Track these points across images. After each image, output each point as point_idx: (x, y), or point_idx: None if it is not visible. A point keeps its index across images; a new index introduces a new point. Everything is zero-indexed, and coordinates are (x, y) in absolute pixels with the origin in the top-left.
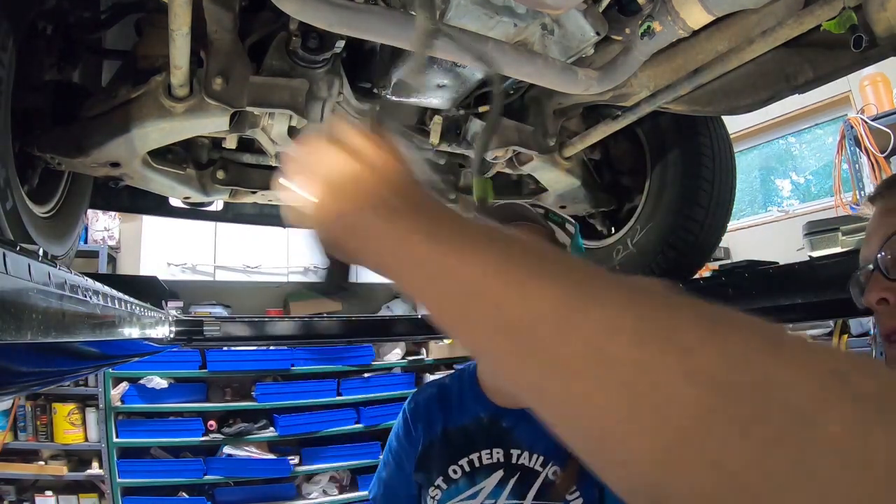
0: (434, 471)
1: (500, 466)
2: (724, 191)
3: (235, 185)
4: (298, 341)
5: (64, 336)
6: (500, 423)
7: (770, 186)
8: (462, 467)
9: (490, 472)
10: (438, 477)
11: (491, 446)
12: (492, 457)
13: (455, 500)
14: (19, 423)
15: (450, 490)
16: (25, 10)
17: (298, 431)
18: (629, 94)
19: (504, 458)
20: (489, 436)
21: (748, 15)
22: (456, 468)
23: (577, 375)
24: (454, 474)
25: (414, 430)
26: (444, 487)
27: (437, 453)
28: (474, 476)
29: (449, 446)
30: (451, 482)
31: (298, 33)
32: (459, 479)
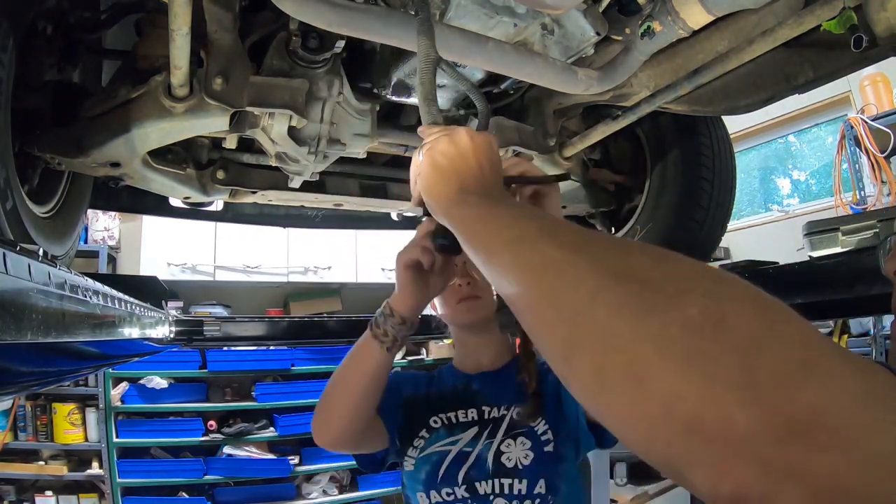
0: (416, 425)
1: (474, 424)
2: (724, 191)
3: (235, 185)
4: (298, 341)
5: (64, 336)
6: (471, 387)
7: (770, 186)
8: (442, 419)
9: (466, 428)
10: (422, 429)
11: (466, 407)
12: (467, 416)
13: (435, 446)
14: (19, 423)
15: (430, 438)
16: (25, 10)
17: (298, 431)
18: (629, 94)
19: (477, 415)
20: (463, 398)
21: (748, 15)
22: (437, 419)
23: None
24: (435, 424)
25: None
26: (426, 436)
27: (419, 410)
28: (452, 429)
29: (428, 406)
30: (433, 430)
31: (298, 33)
32: (440, 429)
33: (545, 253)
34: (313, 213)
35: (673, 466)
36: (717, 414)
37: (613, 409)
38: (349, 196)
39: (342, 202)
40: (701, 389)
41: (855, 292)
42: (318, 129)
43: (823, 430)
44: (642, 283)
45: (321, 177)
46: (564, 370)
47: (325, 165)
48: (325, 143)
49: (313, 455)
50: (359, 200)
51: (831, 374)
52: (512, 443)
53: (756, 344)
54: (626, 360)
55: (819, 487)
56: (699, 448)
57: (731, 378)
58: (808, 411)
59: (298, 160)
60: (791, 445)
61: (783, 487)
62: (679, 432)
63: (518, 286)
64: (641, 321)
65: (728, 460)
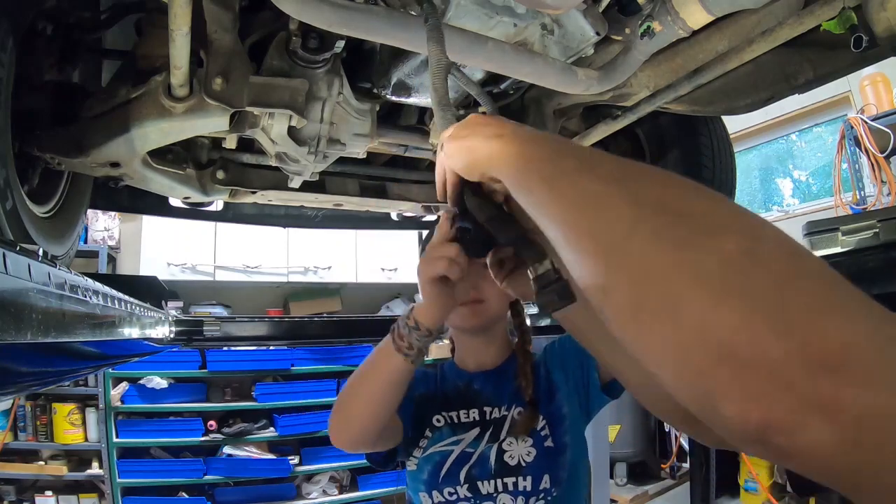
0: (421, 422)
1: (476, 424)
2: (724, 191)
3: (235, 185)
4: (298, 341)
5: (64, 336)
6: (472, 386)
7: (770, 186)
8: (445, 418)
9: (468, 429)
10: (425, 428)
11: (468, 407)
12: (469, 416)
13: (438, 445)
14: (19, 423)
15: (434, 437)
16: (25, 10)
17: (298, 431)
18: (629, 94)
19: (479, 416)
20: (465, 398)
21: (748, 15)
22: (439, 418)
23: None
24: (437, 423)
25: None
26: (429, 436)
27: (425, 408)
28: (455, 428)
29: (432, 404)
30: (436, 430)
31: (298, 33)
32: (443, 427)
33: (583, 187)
34: (313, 213)
35: (703, 397)
36: (750, 343)
37: (648, 338)
38: (349, 196)
39: (342, 202)
40: (735, 319)
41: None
42: (317, 129)
43: (854, 365)
44: (680, 217)
45: (321, 177)
46: (602, 301)
47: (325, 165)
48: (325, 143)
49: (313, 455)
50: (359, 200)
51: (859, 314)
52: (514, 441)
53: (791, 280)
54: (663, 290)
55: (847, 419)
56: (731, 376)
57: (766, 310)
58: (839, 345)
59: (298, 160)
60: (822, 377)
61: (812, 418)
62: (712, 360)
63: (557, 222)
64: (679, 253)
65: (759, 388)
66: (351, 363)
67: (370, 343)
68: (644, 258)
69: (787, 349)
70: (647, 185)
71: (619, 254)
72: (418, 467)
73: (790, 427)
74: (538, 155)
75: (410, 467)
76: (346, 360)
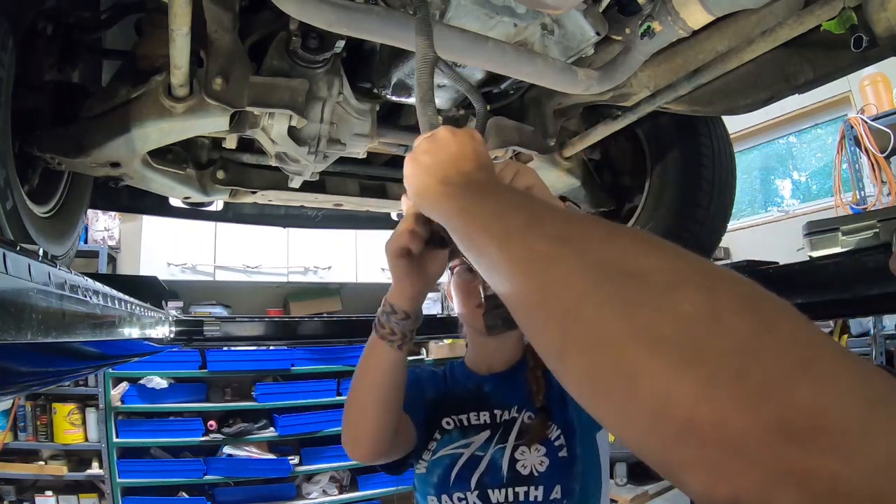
0: (431, 425)
1: (486, 427)
2: (724, 191)
3: (235, 185)
4: (298, 341)
5: (64, 336)
6: (483, 389)
7: (770, 186)
8: (454, 421)
9: (478, 431)
10: (434, 430)
11: (478, 409)
12: (479, 418)
13: (447, 448)
14: (19, 423)
15: (443, 440)
16: (25, 10)
17: (298, 431)
18: (629, 94)
19: (490, 418)
20: (476, 400)
21: (748, 15)
22: (449, 420)
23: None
24: (447, 426)
25: (424, 385)
26: (438, 438)
27: (434, 411)
28: (465, 431)
29: (443, 407)
30: (445, 433)
31: (298, 33)
32: (452, 430)
33: (532, 247)
34: (313, 213)
35: (669, 469)
36: (711, 415)
37: (607, 410)
38: (349, 196)
39: (342, 202)
40: (695, 390)
41: (855, 292)
42: (318, 129)
43: (823, 433)
44: (632, 277)
45: (321, 177)
46: (558, 369)
47: (325, 165)
48: (325, 143)
49: (313, 455)
50: (358, 200)
51: (832, 375)
52: (526, 450)
53: (753, 342)
54: (618, 360)
55: (819, 491)
56: (694, 450)
57: (727, 378)
58: (807, 412)
59: (298, 160)
60: (790, 447)
61: (781, 491)
62: (673, 434)
63: (508, 283)
64: (631, 318)
65: (724, 463)
66: (351, 363)
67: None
68: (597, 325)
69: (752, 421)
70: (596, 244)
71: (572, 321)
72: (427, 470)
73: (760, 502)
74: (486, 210)
75: (419, 470)
76: (346, 360)
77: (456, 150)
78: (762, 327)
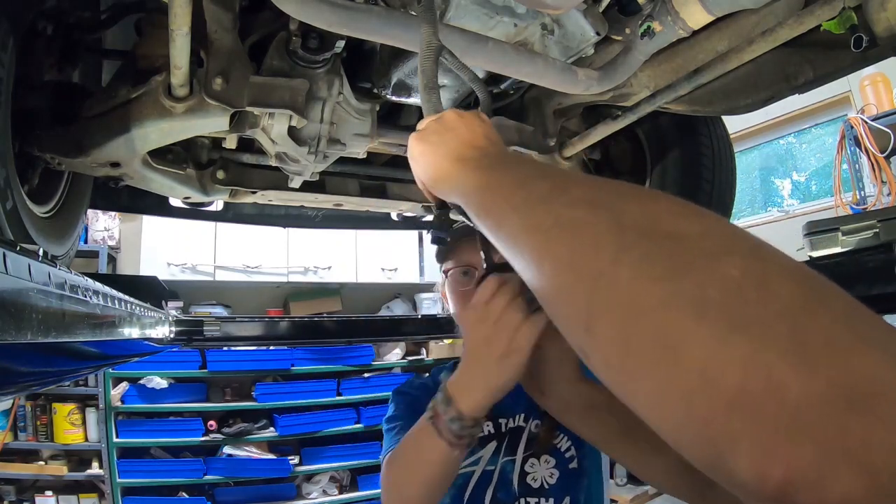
0: None
1: (492, 438)
2: (724, 191)
3: (235, 185)
4: (298, 341)
5: (64, 336)
6: None
7: (770, 186)
8: None
9: (485, 443)
10: None
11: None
12: (483, 430)
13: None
14: (19, 423)
15: None
16: (25, 10)
17: (298, 431)
18: (629, 94)
19: (494, 428)
20: None
21: (748, 15)
22: None
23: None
24: None
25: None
26: None
27: None
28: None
29: None
30: None
31: (298, 33)
32: None
33: (559, 213)
34: (313, 213)
35: (711, 450)
36: (765, 384)
37: (641, 383)
38: (349, 196)
39: (342, 202)
40: (746, 357)
41: (855, 292)
42: (318, 129)
43: (885, 402)
44: (672, 240)
45: (321, 177)
46: (584, 342)
47: (325, 165)
48: (325, 143)
49: (313, 455)
50: (358, 200)
51: (882, 342)
52: (536, 462)
53: (806, 309)
54: (657, 327)
55: (881, 466)
56: (743, 424)
57: (781, 344)
58: (867, 382)
59: (298, 160)
60: (850, 418)
61: (841, 467)
62: (720, 406)
63: (531, 253)
64: (674, 282)
65: (778, 436)
66: (351, 363)
67: (370, 343)
68: (633, 289)
69: (808, 389)
70: (630, 206)
71: (604, 286)
72: None
73: (816, 480)
74: (506, 181)
75: None
76: (346, 360)
77: (465, 130)
78: (814, 296)
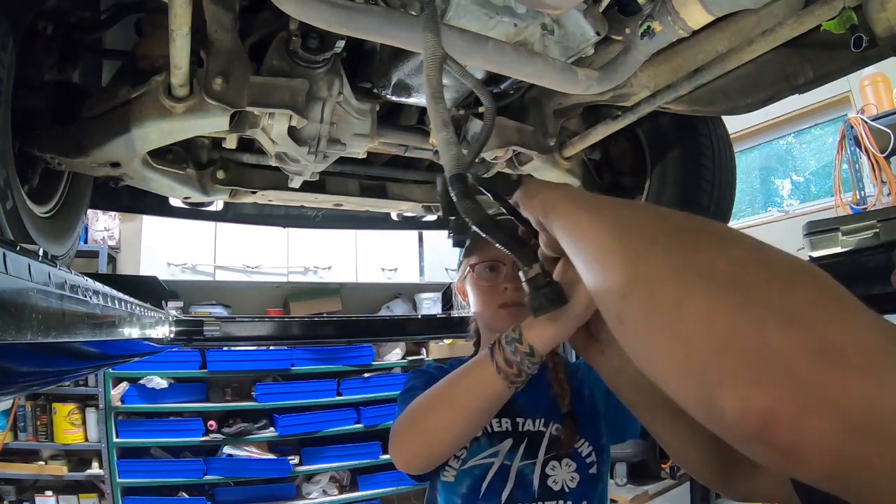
0: None
1: (509, 435)
2: (724, 191)
3: (235, 185)
4: (298, 341)
5: (64, 336)
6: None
7: (770, 186)
8: (483, 429)
9: (503, 439)
10: None
11: (499, 416)
12: (501, 426)
13: (477, 458)
14: (19, 423)
15: (473, 448)
16: (25, 10)
17: (298, 431)
18: (629, 94)
19: (511, 426)
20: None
21: (748, 15)
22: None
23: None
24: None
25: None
26: (467, 446)
27: None
28: (492, 439)
29: None
30: (475, 441)
31: (298, 33)
32: (481, 438)
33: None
34: (313, 213)
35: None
36: (753, 330)
37: (657, 337)
38: (349, 196)
39: (342, 202)
40: (739, 308)
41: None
42: (318, 129)
43: (859, 355)
44: (698, 231)
45: (321, 177)
46: (620, 307)
47: (325, 165)
48: (325, 143)
49: (313, 455)
50: (359, 200)
51: (861, 312)
52: (557, 465)
53: (796, 279)
54: (674, 288)
55: (854, 409)
56: (733, 363)
57: (770, 301)
58: (843, 335)
59: (298, 160)
60: (826, 365)
61: (815, 408)
62: (714, 347)
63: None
64: (692, 256)
65: (761, 377)
66: (351, 363)
67: (370, 343)
68: (661, 262)
69: (791, 337)
70: (671, 213)
71: (641, 260)
72: (456, 479)
73: (795, 418)
74: (582, 197)
75: (446, 478)
76: (346, 360)
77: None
78: (801, 272)
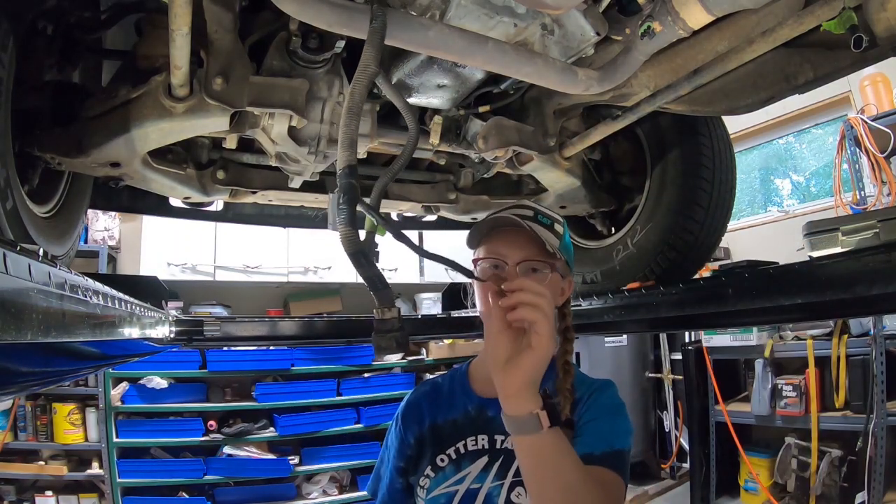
0: (423, 462)
1: (484, 452)
2: (724, 191)
3: (235, 185)
4: (298, 341)
5: (64, 336)
6: (486, 412)
7: (770, 186)
8: (449, 455)
9: (475, 458)
10: (427, 467)
11: (476, 433)
12: (476, 443)
13: (442, 487)
14: (19, 423)
15: (437, 478)
16: (25, 10)
17: (298, 431)
18: (629, 94)
19: (489, 443)
20: (475, 424)
21: (748, 15)
22: (443, 457)
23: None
24: (441, 462)
25: (405, 433)
26: (431, 476)
27: (426, 448)
28: (460, 462)
29: (437, 439)
30: (439, 470)
31: (298, 33)
32: (446, 467)
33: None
34: (313, 213)
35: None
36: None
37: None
38: None
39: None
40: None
41: (855, 292)
42: (318, 129)
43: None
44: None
45: (321, 177)
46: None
47: (325, 165)
48: (326, 143)
49: (313, 455)
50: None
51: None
52: (523, 492)
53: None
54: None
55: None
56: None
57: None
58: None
59: (298, 160)
60: None
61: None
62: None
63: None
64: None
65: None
66: (351, 363)
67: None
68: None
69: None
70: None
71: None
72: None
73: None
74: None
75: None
76: (346, 360)
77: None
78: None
